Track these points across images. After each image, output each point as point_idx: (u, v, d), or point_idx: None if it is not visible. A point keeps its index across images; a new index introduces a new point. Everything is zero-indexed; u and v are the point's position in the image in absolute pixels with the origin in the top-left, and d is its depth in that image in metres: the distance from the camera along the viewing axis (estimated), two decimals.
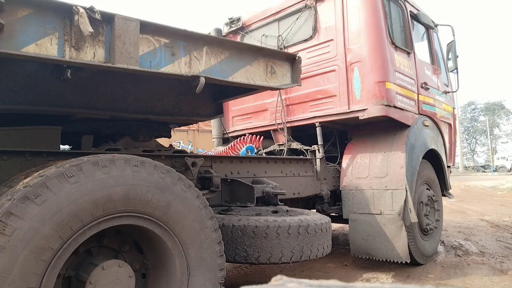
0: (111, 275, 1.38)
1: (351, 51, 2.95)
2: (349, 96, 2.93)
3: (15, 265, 1.14)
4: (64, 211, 1.25)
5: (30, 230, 1.18)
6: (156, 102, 2.21)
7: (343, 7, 2.99)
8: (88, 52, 1.46)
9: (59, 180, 1.26)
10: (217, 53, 1.78)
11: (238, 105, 3.72)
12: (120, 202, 1.38)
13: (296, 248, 1.99)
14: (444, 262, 3.27)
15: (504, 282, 2.67)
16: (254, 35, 3.55)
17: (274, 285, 0.50)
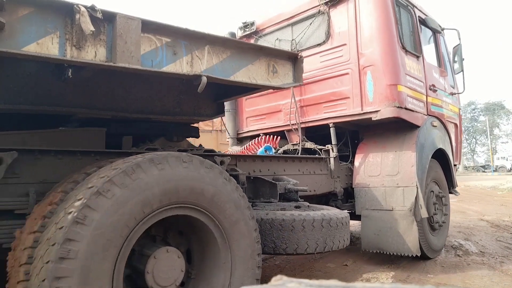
0: (163, 261, 1.53)
1: (364, 55, 3.07)
2: (362, 98, 3.05)
3: (99, 244, 1.29)
4: (133, 202, 1.40)
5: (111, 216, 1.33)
6: (157, 102, 2.21)
7: (356, 13, 3.09)
8: (89, 51, 1.45)
9: (139, 170, 1.44)
10: (218, 52, 1.78)
11: (251, 106, 3.85)
12: (176, 194, 1.54)
13: (320, 240, 2.16)
14: (444, 262, 3.27)
15: (504, 282, 2.68)
16: (267, 39, 3.66)
17: (274, 285, 0.49)
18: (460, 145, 4.20)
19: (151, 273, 1.49)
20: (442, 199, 3.47)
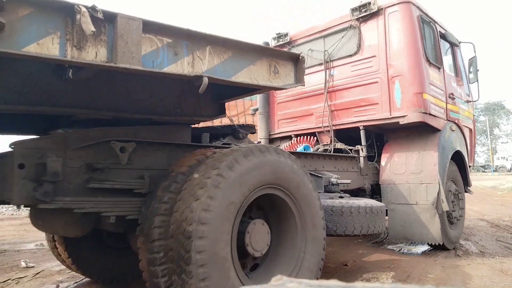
0: (259, 228, 1.90)
1: (393, 67, 3.42)
2: (390, 104, 3.42)
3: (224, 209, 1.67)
4: (249, 179, 1.79)
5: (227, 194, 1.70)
6: (158, 102, 2.20)
7: (385, 29, 3.45)
8: (90, 52, 1.44)
9: (241, 160, 1.79)
10: (220, 53, 1.77)
11: (283, 110, 4.27)
12: (269, 176, 1.90)
13: (364, 224, 2.56)
14: (444, 262, 3.27)
15: (504, 282, 2.68)
16: (300, 49, 4.00)
17: (274, 285, 0.49)
18: (473, 148, 4.66)
19: (249, 234, 1.84)
20: (459, 195, 3.83)
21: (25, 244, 4.90)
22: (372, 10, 3.46)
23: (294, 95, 4.07)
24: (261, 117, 4.29)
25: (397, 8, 3.38)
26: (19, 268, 3.49)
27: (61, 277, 3.14)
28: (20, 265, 3.56)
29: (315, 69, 3.96)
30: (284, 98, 4.21)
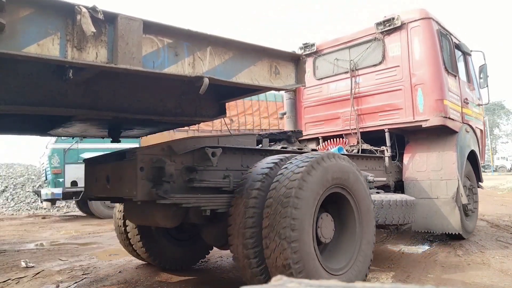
0: (326, 220, 2.25)
1: (415, 76, 3.76)
2: (413, 109, 3.76)
3: (310, 200, 2.05)
4: (324, 179, 2.15)
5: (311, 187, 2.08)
6: (158, 103, 2.20)
7: (408, 41, 3.80)
8: (91, 53, 1.44)
9: (319, 164, 2.16)
10: (221, 54, 1.76)
11: (311, 113, 4.63)
12: (337, 177, 2.25)
13: (401, 215, 3.01)
14: (444, 262, 3.28)
15: (504, 282, 2.68)
16: (326, 58, 4.40)
17: (274, 285, 0.49)
18: (484, 147, 5.00)
19: (320, 224, 2.18)
20: (473, 190, 4.23)
21: (25, 244, 4.89)
22: (396, 24, 3.79)
23: (321, 100, 4.44)
24: (289, 120, 4.60)
25: (419, 23, 3.72)
26: (19, 268, 3.49)
27: (61, 277, 3.14)
28: (20, 265, 3.55)
29: (341, 77, 4.26)
30: (311, 103, 4.54)
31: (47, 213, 9.57)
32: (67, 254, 4.09)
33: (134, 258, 3.79)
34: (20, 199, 10.26)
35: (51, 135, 3.05)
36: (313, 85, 4.49)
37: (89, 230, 5.97)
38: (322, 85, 4.44)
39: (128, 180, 1.95)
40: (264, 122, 9.88)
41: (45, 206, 7.83)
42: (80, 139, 7.08)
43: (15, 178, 10.81)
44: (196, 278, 2.93)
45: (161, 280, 2.98)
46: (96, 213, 7.49)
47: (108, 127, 2.70)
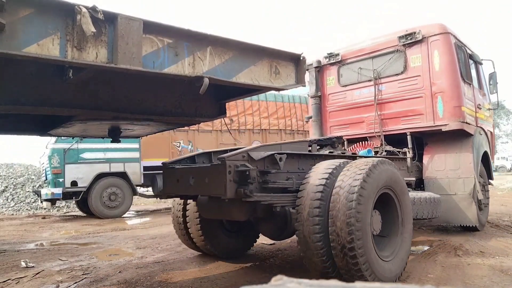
0: (375, 215, 2.60)
1: (436, 84, 4.14)
2: (434, 115, 4.14)
3: (371, 196, 2.44)
4: (378, 181, 2.53)
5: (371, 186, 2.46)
6: (158, 103, 2.20)
7: (428, 53, 4.16)
8: (91, 53, 1.44)
9: (375, 168, 2.54)
10: (221, 54, 1.76)
11: (335, 117, 4.98)
12: (388, 179, 2.63)
13: (429, 211, 3.47)
14: (444, 262, 3.28)
15: (504, 282, 2.68)
16: (350, 67, 4.75)
17: (274, 285, 0.49)
18: (493, 148, 5.50)
19: (372, 219, 2.48)
20: (485, 187, 4.61)
21: (25, 244, 4.89)
22: (417, 38, 4.15)
23: (345, 105, 4.79)
24: (315, 124, 4.97)
25: (439, 37, 4.11)
26: (19, 268, 3.48)
27: (61, 277, 3.14)
28: (20, 265, 3.55)
29: (364, 84, 4.60)
30: (335, 107, 4.90)
31: (47, 213, 9.57)
32: (67, 254, 4.09)
33: (134, 258, 3.78)
34: (20, 199, 10.26)
35: (51, 135, 3.05)
36: (338, 91, 4.80)
37: (89, 230, 5.97)
38: (346, 92, 4.76)
39: (217, 181, 2.30)
40: (264, 122, 9.87)
41: (45, 206, 7.84)
42: (80, 139, 7.08)
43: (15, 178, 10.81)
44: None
45: (161, 280, 2.98)
46: (96, 213, 7.50)
47: (108, 127, 2.70)
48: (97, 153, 7.51)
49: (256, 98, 9.71)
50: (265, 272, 3.13)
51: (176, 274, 3.14)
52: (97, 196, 7.40)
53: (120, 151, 7.65)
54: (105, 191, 7.51)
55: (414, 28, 4.20)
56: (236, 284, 2.73)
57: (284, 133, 10.26)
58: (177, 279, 2.98)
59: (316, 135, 4.90)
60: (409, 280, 2.80)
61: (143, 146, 7.99)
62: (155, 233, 5.39)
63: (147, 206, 10.90)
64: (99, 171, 7.47)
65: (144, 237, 5.06)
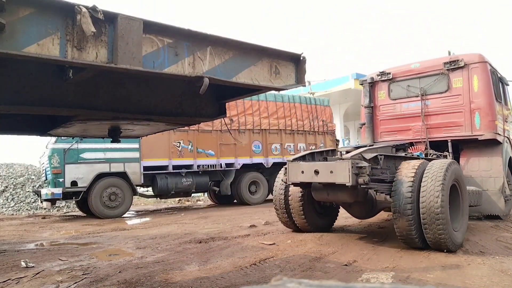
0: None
1: (474, 103, 5.11)
2: (472, 126, 5.11)
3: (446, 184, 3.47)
4: (451, 175, 3.57)
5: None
6: (158, 103, 2.20)
7: (469, 77, 5.12)
8: (91, 53, 1.44)
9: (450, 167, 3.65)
10: (221, 53, 1.76)
11: (385, 125, 5.90)
12: (456, 176, 3.71)
13: (475, 200, 4.57)
14: (444, 262, 3.28)
15: (504, 282, 2.68)
16: (399, 84, 5.70)
17: (274, 285, 0.49)
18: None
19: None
20: (509, 185, 5.51)
21: (25, 244, 4.89)
22: (460, 65, 5.12)
23: (394, 115, 5.75)
24: (367, 130, 5.89)
25: (478, 65, 5.09)
26: (19, 268, 3.48)
27: (61, 277, 3.14)
28: (20, 265, 3.55)
29: (412, 99, 5.58)
30: (386, 117, 5.84)
31: (47, 213, 9.57)
32: (67, 254, 4.09)
33: (134, 258, 3.78)
34: (20, 199, 10.25)
35: (51, 135, 3.05)
36: (388, 104, 5.78)
37: (89, 230, 5.97)
38: (396, 104, 5.70)
39: (342, 173, 3.28)
40: (264, 122, 9.86)
41: (45, 206, 7.83)
42: (80, 139, 7.07)
43: (15, 178, 10.80)
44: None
45: (161, 280, 2.98)
46: (96, 213, 7.50)
47: (108, 127, 2.70)
48: (97, 153, 7.51)
49: (256, 98, 9.70)
50: (265, 272, 3.13)
51: (176, 274, 3.14)
52: (97, 196, 7.40)
53: (120, 151, 7.65)
54: (105, 191, 7.51)
55: (457, 56, 5.24)
56: (236, 284, 2.73)
57: (284, 133, 10.26)
58: (177, 279, 2.98)
59: (369, 139, 5.84)
60: (409, 280, 2.80)
61: (143, 146, 7.98)
62: (155, 233, 5.39)
63: (147, 206, 10.90)
64: (99, 171, 7.47)
65: (144, 237, 5.06)
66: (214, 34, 1.75)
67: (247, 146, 9.53)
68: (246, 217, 6.91)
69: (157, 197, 9.00)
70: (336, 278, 2.93)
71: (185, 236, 5.05)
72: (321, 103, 11.36)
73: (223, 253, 3.85)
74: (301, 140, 10.62)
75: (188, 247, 4.25)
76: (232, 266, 3.32)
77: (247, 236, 4.79)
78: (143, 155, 8.05)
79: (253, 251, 3.89)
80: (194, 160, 8.78)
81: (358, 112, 28.84)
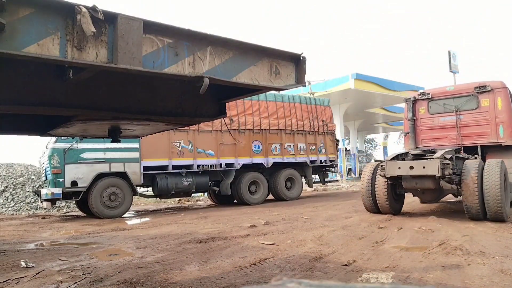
0: None
1: (499, 117, 6.50)
2: (497, 135, 6.48)
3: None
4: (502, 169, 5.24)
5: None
6: (158, 103, 2.19)
7: (494, 99, 6.56)
8: (91, 53, 1.44)
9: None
10: (221, 53, 1.76)
11: (425, 134, 7.20)
12: (503, 170, 5.38)
13: (511, 188, 5.89)
14: (444, 262, 3.28)
15: (504, 282, 2.68)
16: (437, 102, 7.09)
17: (274, 285, 0.49)
18: None
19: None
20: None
21: (25, 244, 4.89)
22: (487, 89, 6.57)
23: (433, 126, 7.10)
24: (411, 138, 7.20)
25: (501, 90, 6.54)
26: (19, 268, 3.48)
27: (61, 277, 3.14)
28: (20, 265, 3.55)
29: (447, 114, 6.98)
30: (425, 127, 7.16)
31: (47, 213, 9.57)
32: (67, 254, 4.09)
33: (134, 258, 3.78)
34: (20, 199, 10.25)
35: (51, 135, 3.05)
36: (427, 117, 7.13)
37: (89, 230, 5.97)
38: (434, 118, 7.09)
39: (432, 168, 4.81)
40: (264, 122, 9.86)
41: (45, 206, 7.83)
42: (80, 139, 7.07)
43: (15, 178, 10.80)
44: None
45: (161, 280, 2.98)
46: (96, 213, 7.50)
47: (108, 127, 2.70)
48: (97, 153, 7.51)
49: (256, 98, 9.70)
50: (265, 272, 3.13)
51: (176, 274, 3.14)
52: (97, 196, 7.40)
53: (120, 151, 7.65)
54: (105, 191, 7.50)
55: (484, 82, 6.69)
56: (236, 284, 2.73)
57: (284, 133, 10.25)
58: (177, 279, 2.98)
59: (412, 145, 7.18)
60: (409, 280, 2.80)
61: (143, 146, 7.98)
62: (155, 233, 5.39)
63: (147, 206, 10.89)
64: (99, 171, 7.46)
65: (144, 237, 5.06)
66: (214, 34, 1.75)
67: (247, 146, 9.53)
68: (246, 217, 6.91)
69: (157, 197, 9.00)
70: (336, 278, 2.93)
71: (185, 236, 5.05)
72: (321, 103, 11.36)
73: (223, 253, 3.85)
74: (301, 140, 10.62)
75: (188, 247, 4.25)
76: (232, 266, 3.32)
77: (247, 236, 4.79)
78: (143, 155, 8.05)
79: (253, 251, 3.89)
80: (194, 160, 8.77)
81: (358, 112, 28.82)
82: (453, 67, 20.75)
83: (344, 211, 7.19)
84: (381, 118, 29.40)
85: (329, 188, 14.97)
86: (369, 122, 30.97)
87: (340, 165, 18.29)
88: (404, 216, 6.08)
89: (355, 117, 27.48)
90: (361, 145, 34.43)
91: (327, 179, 12.89)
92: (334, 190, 14.41)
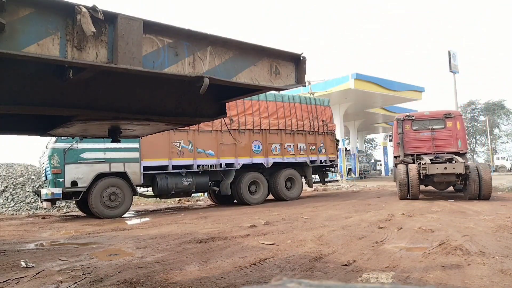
0: None
1: (458, 134, 9.70)
2: (457, 146, 9.81)
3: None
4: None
5: None
6: (158, 103, 2.19)
7: (455, 122, 9.75)
8: (91, 53, 1.44)
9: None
10: (221, 53, 1.76)
11: (410, 144, 10.00)
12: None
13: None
14: (444, 262, 3.28)
15: (504, 282, 2.68)
16: (418, 122, 9.95)
17: (274, 285, 0.49)
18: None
19: None
20: None
21: (25, 244, 4.89)
22: (451, 116, 9.72)
23: (415, 139, 9.82)
24: (401, 146, 9.79)
25: (459, 117, 9.87)
26: (19, 268, 3.48)
27: (61, 277, 3.14)
28: (20, 265, 3.55)
29: (426, 130, 9.80)
30: (410, 139, 9.85)
31: (47, 213, 9.57)
32: (67, 254, 4.09)
33: (134, 258, 3.78)
34: (20, 199, 10.25)
35: (51, 135, 3.05)
36: (411, 132, 9.87)
37: (89, 230, 5.97)
38: (416, 133, 9.85)
39: (459, 168, 8.07)
40: (264, 122, 9.86)
41: (45, 206, 7.83)
42: (80, 139, 7.07)
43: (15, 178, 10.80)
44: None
45: (161, 280, 2.98)
46: (96, 213, 7.50)
47: (108, 127, 2.71)
48: (97, 153, 7.51)
49: (256, 98, 9.70)
50: (265, 272, 3.13)
51: (176, 274, 3.14)
52: (97, 196, 7.40)
53: (120, 151, 7.65)
54: (105, 191, 7.51)
55: (449, 111, 9.94)
56: (236, 284, 2.73)
57: (284, 133, 10.25)
58: (177, 279, 2.98)
59: (401, 152, 9.78)
60: (409, 280, 2.80)
61: (143, 146, 7.98)
62: (155, 233, 5.39)
63: (147, 206, 10.89)
64: (99, 171, 7.47)
65: (144, 237, 5.06)
66: (214, 34, 1.75)
67: (247, 146, 9.53)
68: (246, 217, 6.91)
69: (157, 197, 9.00)
70: (336, 278, 2.93)
71: (185, 236, 5.05)
72: (321, 103, 11.36)
73: (223, 253, 3.85)
74: (301, 140, 10.62)
75: (188, 247, 4.25)
76: (232, 266, 3.32)
77: (247, 236, 4.79)
78: (143, 155, 8.05)
79: (253, 251, 3.89)
80: (194, 160, 8.77)
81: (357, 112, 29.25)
82: (453, 67, 20.79)
83: (344, 211, 7.20)
84: (381, 118, 29.43)
85: (329, 188, 14.98)
86: (369, 122, 31.00)
87: (340, 165, 18.28)
88: (404, 216, 6.08)
89: (355, 117, 27.50)
90: (361, 145, 34.46)
91: (327, 179, 12.89)
92: (334, 190, 14.42)
